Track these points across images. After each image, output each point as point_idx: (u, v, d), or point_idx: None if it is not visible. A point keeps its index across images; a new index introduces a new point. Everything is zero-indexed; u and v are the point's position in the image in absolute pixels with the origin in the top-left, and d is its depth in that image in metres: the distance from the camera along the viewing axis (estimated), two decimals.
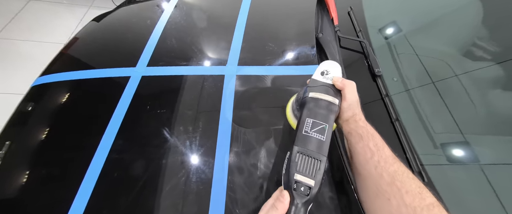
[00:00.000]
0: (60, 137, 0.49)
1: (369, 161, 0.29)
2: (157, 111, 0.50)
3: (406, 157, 0.40)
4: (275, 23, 0.67)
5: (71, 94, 0.55)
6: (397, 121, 0.44)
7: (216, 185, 0.40)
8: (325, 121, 0.31)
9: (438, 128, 0.44)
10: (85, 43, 0.69)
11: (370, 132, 0.31)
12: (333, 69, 0.37)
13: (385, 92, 0.48)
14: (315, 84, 0.36)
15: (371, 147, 0.29)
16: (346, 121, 0.33)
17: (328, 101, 0.33)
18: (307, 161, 0.29)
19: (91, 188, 0.40)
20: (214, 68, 0.56)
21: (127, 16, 0.77)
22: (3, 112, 1.22)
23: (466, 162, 0.41)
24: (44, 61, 1.66)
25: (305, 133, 0.30)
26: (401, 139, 0.42)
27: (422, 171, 0.38)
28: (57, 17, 1.78)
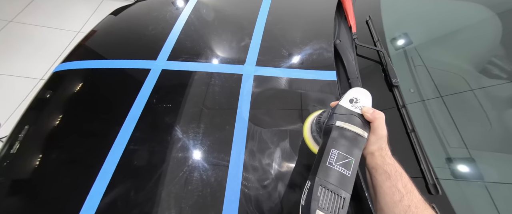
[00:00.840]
0: (80, 124, 0.50)
1: (397, 204, 0.27)
2: (175, 105, 0.51)
3: (420, 168, 0.41)
4: (294, 26, 0.68)
5: (92, 82, 0.57)
6: (413, 132, 0.44)
7: (231, 180, 0.41)
8: (351, 155, 0.29)
9: (453, 142, 0.44)
10: (105, 35, 0.71)
11: (398, 170, 0.29)
12: (363, 98, 0.35)
13: (402, 103, 0.48)
14: (342, 112, 0.33)
15: (400, 188, 0.27)
16: (371, 154, 0.31)
17: (356, 133, 0.31)
18: (329, 197, 0.26)
19: (110, 175, 0.41)
20: (232, 67, 0.57)
21: (147, 10, 0.79)
22: (16, 94, 1.24)
23: (479, 179, 0.41)
24: (58, 47, 1.69)
25: (330, 165, 0.28)
26: (416, 150, 0.42)
27: (437, 184, 0.38)
28: (72, 5, 1.81)
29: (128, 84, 0.55)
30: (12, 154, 0.47)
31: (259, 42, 0.62)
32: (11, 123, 1.16)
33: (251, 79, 0.55)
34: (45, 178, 0.44)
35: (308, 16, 0.71)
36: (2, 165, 0.46)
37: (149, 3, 0.82)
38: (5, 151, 0.47)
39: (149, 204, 0.39)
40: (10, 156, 0.46)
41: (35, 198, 0.42)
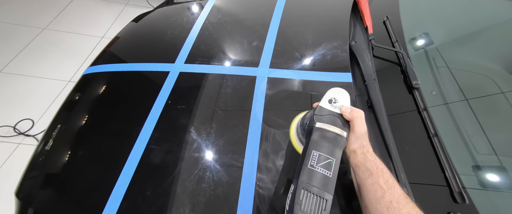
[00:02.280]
0: (105, 123, 0.54)
1: (380, 201, 0.27)
2: (192, 106, 0.53)
3: (444, 175, 0.39)
4: (308, 28, 0.68)
5: (116, 84, 0.61)
6: (436, 136, 0.42)
7: (245, 180, 0.42)
8: (332, 155, 0.30)
9: (481, 148, 0.42)
10: (128, 40, 0.76)
11: (379, 167, 0.30)
12: (342, 98, 0.36)
13: (423, 106, 0.46)
14: (322, 113, 0.34)
15: (381, 184, 0.28)
16: (353, 152, 0.32)
17: (335, 133, 0.31)
18: (312, 200, 0.27)
19: (132, 171, 0.44)
20: (246, 69, 0.59)
21: (166, 16, 0.83)
22: (48, 95, 1.37)
23: (510, 188, 0.38)
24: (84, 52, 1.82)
25: (311, 167, 0.29)
26: (439, 156, 0.40)
27: (463, 192, 0.36)
28: (97, 12, 1.95)
29: (149, 86, 0.58)
30: (46, 150, 0.51)
31: (272, 45, 0.63)
32: (43, 121, 1.28)
33: (265, 81, 0.56)
34: (75, 172, 0.48)
35: (322, 18, 0.71)
36: (38, 160, 0.51)
37: (167, 9, 0.86)
38: (41, 147, 0.52)
39: (167, 199, 0.41)
40: (45, 152, 0.51)
41: (66, 190, 0.46)
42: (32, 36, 1.70)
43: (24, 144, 1.19)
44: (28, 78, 1.45)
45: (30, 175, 0.49)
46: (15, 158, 1.14)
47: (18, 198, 0.45)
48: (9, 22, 1.76)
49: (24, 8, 1.88)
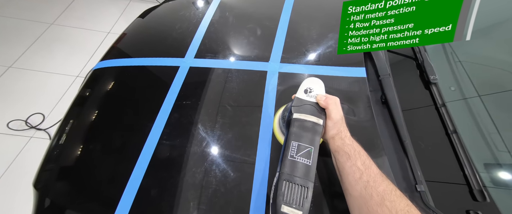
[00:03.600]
0: (118, 118, 0.55)
1: (358, 181, 0.29)
2: (203, 101, 0.53)
3: (463, 173, 0.38)
4: (319, 21, 0.66)
5: (127, 79, 0.61)
6: (454, 133, 0.41)
7: (257, 176, 0.42)
8: (310, 144, 0.31)
9: (501, 146, 0.40)
10: (135, 37, 0.75)
11: (356, 149, 0.31)
12: (316, 86, 0.37)
13: (441, 102, 0.45)
14: (299, 104, 0.35)
15: (359, 166, 0.29)
16: (332, 138, 0.33)
17: (312, 122, 0.33)
18: (294, 190, 0.28)
19: (146, 165, 0.44)
20: (257, 64, 0.58)
21: (173, 10, 0.82)
22: (57, 89, 1.39)
23: None
24: (92, 47, 1.83)
25: (291, 158, 0.30)
26: (458, 153, 0.39)
27: (484, 190, 0.35)
28: (102, 8, 1.95)
29: (159, 80, 0.58)
30: (61, 144, 0.52)
31: (283, 39, 0.62)
32: (54, 115, 1.30)
33: (276, 76, 0.55)
34: (90, 165, 0.48)
35: (334, 10, 0.68)
36: (53, 154, 0.52)
37: (174, 3, 0.85)
38: (55, 142, 0.53)
39: (180, 193, 0.41)
40: (59, 146, 0.52)
41: (81, 182, 0.46)
42: (40, 31, 1.72)
43: (36, 137, 1.22)
44: (37, 73, 1.48)
45: (46, 167, 0.50)
46: (28, 151, 1.17)
47: (36, 189, 0.46)
48: (17, 17, 1.78)
49: (31, 4, 1.89)
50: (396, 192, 0.27)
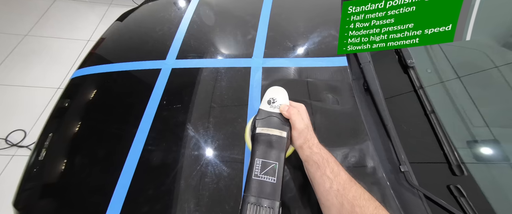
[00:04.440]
0: (100, 127, 0.53)
1: (329, 191, 0.29)
2: (187, 102, 0.52)
3: (442, 150, 0.39)
4: (300, 15, 0.67)
5: (107, 86, 0.59)
6: (433, 113, 0.42)
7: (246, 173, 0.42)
8: (275, 159, 0.30)
9: (477, 122, 0.42)
10: (114, 41, 0.73)
11: (324, 157, 0.31)
12: (279, 96, 0.36)
13: (419, 84, 0.46)
14: (262, 116, 0.34)
15: (328, 175, 0.29)
16: (300, 147, 0.33)
17: (276, 135, 0.32)
18: (259, 212, 0.27)
19: (131, 174, 0.43)
20: (240, 61, 0.57)
21: (152, 12, 0.80)
22: (37, 104, 1.32)
23: (506, 158, 0.39)
24: (71, 57, 1.75)
25: (255, 177, 0.29)
26: (437, 131, 0.41)
27: (461, 165, 0.37)
28: (80, 15, 1.87)
29: (141, 85, 0.57)
30: (40, 161, 0.49)
31: (265, 34, 0.62)
32: (36, 131, 1.24)
33: (260, 71, 0.55)
34: (72, 179, 0.46)
35: (314, 4, 0.69)
36: (32, 171, 0.49)
37: (153, 5, 0.83)
38: (34, 158, 0.50)
39: (168, 198, 0.41)
40: (39, 163, 0.49)
41: (65, 197, 0.45)
42: (14, 44, 1.62)
43: (18, 155, 1.16)
44: (15, 88, 1.40)
45: (26, 186, 0.47)
46: (10, 170, 1.11)
47: (16, 209, 0.44)
48: None
49: (1, 15, 1.79)
50: (365, 195, 0.28)
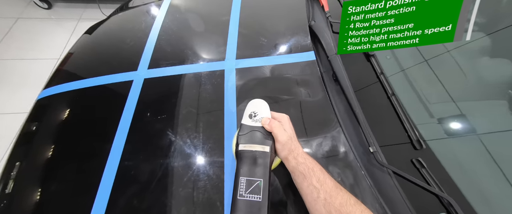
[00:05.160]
0: (71, 148, 0.51)
1: (317, 201, 0.29)
2: (163, 111, 0.51)
3: (404, 127, 0.43)
4: (268, 14, 0.69)
5: (77, 103, 0.57)
6: (393, 95, 0.46)
7: (228, 175, 0.42)
8: (259, 176, 0.30)
9: (433, 98, 0.46)
10: (82, 55, 0.70)
11: (310, 166, 0.31)
12: (261, 109, 0.36)
13: (380, 70, 0.50)
14: (245, 131, 0.34)
15: (315, 184, 0.29)
16: (285, 159, 0.33)
17: (258, 151, 0.32)
18: None
19: (107, 196, 0.41)
20: (213, 64, 0.58)
21: (121, 22, 0.78)
22: (7, 132, 1.23)
23: (458, 129, 0.43)
24: (41, 78, 1.65)
25: (240, 197, 0.29)
26: (398, 112, 0.44)
27: (420, 139, 0.40)
28: (47, 33, 1.77)
29: (113, 98, 0.55)
30: (7, 194, 0.45)
31: (236, 36, 0.63)
32: None
33: (234, 73, 0.56)
34: (46, 211, 0.43)
35: (280, 3, 0.72)
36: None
37: (121, 16, 0.81)
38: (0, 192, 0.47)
39: (150, 211, 0.40)
40: (6, 197, 0.45)
41: None
42: None
43: None
44: None
45: None
46: None
47: None
48: None
49: None
50: (351, 201, 0.28)
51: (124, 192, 0.42)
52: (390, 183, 0.40)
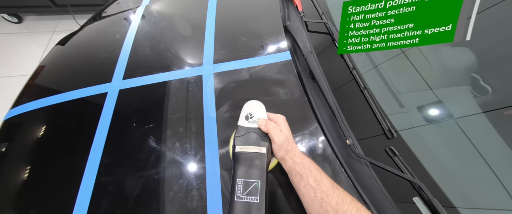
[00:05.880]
0: (45, 168, 0.48)
1: (314, 200, 0.29)
2: (140, 122, 0.50)
3: (376, 118, 0.45)
4: (244, 17, 0.69)
5: (49, 121, 0.54)
6: (365, 89, 0.48)
7: (210, 181, 0.42)
8: (256, 177, 0.30)
9: (402, 89, 0.49)
10: (55, 68, 0.67)
11: (306, 166, 0.31)
12: (257, 111, 0.36)
13: (352, 66, 0.52)
14: (241, 133, 0.34)
15: (311, 184, 0.30)
16: (282, 159, 0.33)
17: (255, 152, 0.32)
18: None
19: (86, 208, 0.40)
20: (190, 70, 0.58)
21: (94, 33, 0.76)
22: None
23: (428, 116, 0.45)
24: (12, 97, 1.56)
25: (237, 199, 0.29)
26: (370, 103, 0.46)
27: (391, 128, 0.42)
28: (19, 48, 1.67)
29: (87, 113, 0.53)
30: None
31: (212, 40, 0.63)
32: None
33: (212, 77, 0.56)
34: None
35: (255, 6, 0.72)
36: None
37: (94, 26, 0.79)
38: None
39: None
40: None
41: None
42: None
43: None
44: None
45: None
46: None
47: None
48: None
49: None
50: (347, 199, 0.28)
51: (102, 208, 0.41)
52: (367, 173, 0.41)
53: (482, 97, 0.39)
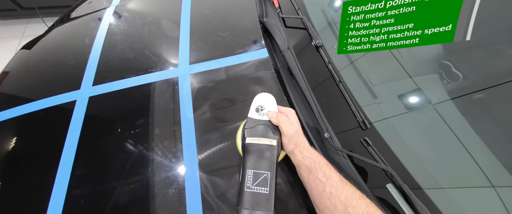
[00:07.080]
0: (10, 183, 0.45)
1: (322, 194, 0.29)
2: (114, 129, 0.48)
3: (351, 111, 0.46)
4: (219, 16, 0.68)
5: (13, 134, 0.50)
6: (340, 82, 0.48)
7: (189, 185, 0.41)
8: (266, 169, 0.30)
9: (375, 80, 0.50)
10: (18, 75, 0.62)
11: (316, 161, 0.31)
12: (268, 103, 0.36)
13: (328, 60, 0.52)
14: (251, 125, 0.34)
15: (321, 178, 0.30)
16: (291, 152, 0.33)
17: (265, 144, 0.32)
18: None
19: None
20: (166, 73, 0.56)
21: (62, 36, 0.71)
22: None
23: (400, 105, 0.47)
24: None
25: (248, 189, 0.29)
26: (345, 96, 0.47)
27: (365, 120, 0.43)
28: None
29: (55, 123, 0.50)
30: None
31: (188, 41, 0.61)
32: None
33: (188, 79, 0.54)
34: None
35: (231, 3, 0.71)
36: None
37: (62, 28, 0.74)
38: None
39: None
40: None
41: None
42: None
43: None
44: None
45: None
46: None
47: None
48: None
49: None
50: (356, 194, 0.28)
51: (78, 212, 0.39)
52: (345, 163, 0.42)
53: (453, 84, 0.41)
